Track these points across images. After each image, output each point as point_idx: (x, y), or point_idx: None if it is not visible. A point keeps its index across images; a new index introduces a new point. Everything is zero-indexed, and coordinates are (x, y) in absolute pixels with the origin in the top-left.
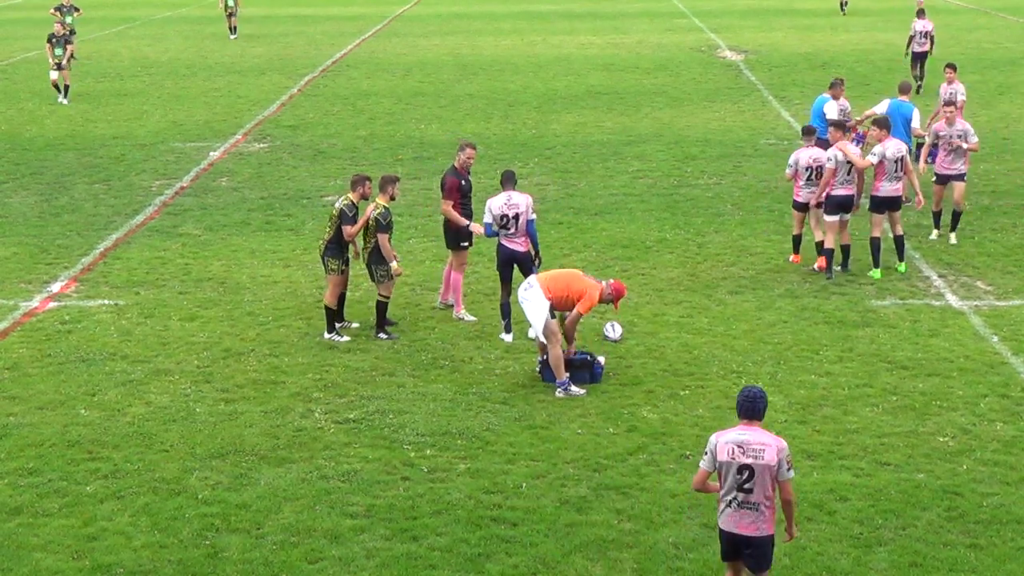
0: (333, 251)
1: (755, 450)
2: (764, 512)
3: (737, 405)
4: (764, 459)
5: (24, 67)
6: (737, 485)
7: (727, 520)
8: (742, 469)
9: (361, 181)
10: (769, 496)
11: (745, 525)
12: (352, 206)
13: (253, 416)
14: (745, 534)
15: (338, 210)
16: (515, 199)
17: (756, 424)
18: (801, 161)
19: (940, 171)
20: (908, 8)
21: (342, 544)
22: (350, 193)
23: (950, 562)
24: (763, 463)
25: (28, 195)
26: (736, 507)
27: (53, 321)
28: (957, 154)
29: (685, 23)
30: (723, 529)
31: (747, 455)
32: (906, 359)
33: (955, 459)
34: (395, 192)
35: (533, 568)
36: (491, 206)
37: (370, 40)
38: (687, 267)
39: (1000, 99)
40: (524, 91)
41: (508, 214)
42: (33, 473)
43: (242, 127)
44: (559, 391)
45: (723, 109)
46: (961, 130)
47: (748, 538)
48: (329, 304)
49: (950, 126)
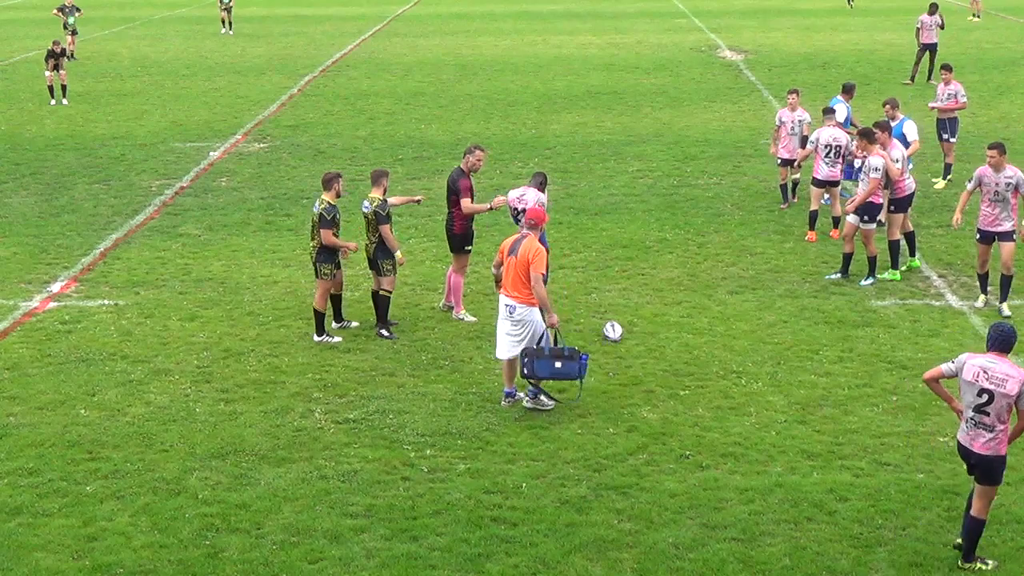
0: (324, 256)
1: (999, 379)
2: (997, 434)
3: (989, 338)
4: (1006, 389)
5: (24, 67)
6: (976, 406)
7: (963, 435)
8: (983, 392)
9: (333, 180)
10: (1004, 420)
11: (979, 444)
12: (331, 208)
13: (253, 416)
14: (976, 451)
15: (317, 215)
16: (527, 196)
17: (1005, 357)
18: (822, 139)
19: (983, 228)
20: (908, 8)
21: (342, 544)
22: (324, 194)
23: (950, 562)
24: (1003, 392)
25: (28, 195)
26: (972, 425)
27: (53, 321)
28: (1004, 206)
29: (685, 23)
30: (959, 441)
31: (991, 381)
32: (906, 359)
33: (955, 459)
34: (386, 184)
35: (533, 568)
36: (508, 195)
37: (370, 40)
38: (687, 267)
39: (1000, 99)
40: (524, 91)
41: (517, 208)
42: (33, 473)
43: (242, 127)
44: (527, 401)
45: (723, 109)
46: (1012, 177)
47: (978, 455)
48: (319, 308)
49: (997, 172)
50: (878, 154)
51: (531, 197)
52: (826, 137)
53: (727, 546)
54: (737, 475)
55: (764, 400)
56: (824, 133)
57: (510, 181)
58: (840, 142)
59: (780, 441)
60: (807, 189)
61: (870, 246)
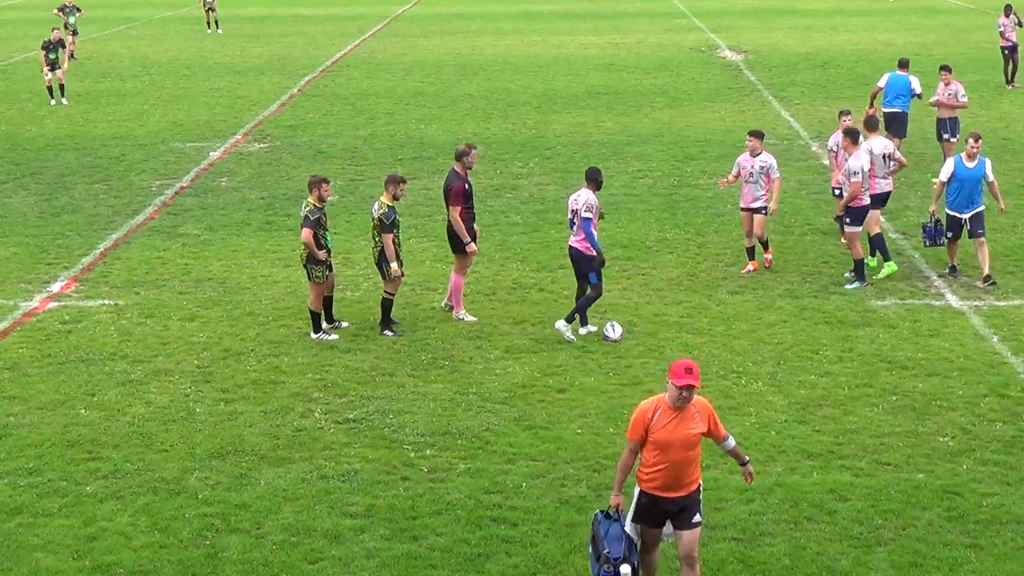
0: (314, 259)
1: None
2: None
3: None
4: None
5: (24, 67)
6: None
7: None
8: None
9: (318, 183)
10: None
11: None
12: (316, 210)
13: (253, 416)
14: None
15: (303, 217)
16: (580, 196)
17: None
18: (875, 150)
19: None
20: (909, 8)
21: (342, 544)
22: (309, 196)
23: (950, 562)
24: None
25: (28, 195)
26: None
27: (53, 321)
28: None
29: (685, 23)
30: None
31: None
32: (906, 359)
33: (955, 459)
34: (399, 192)
35: (533, 568)
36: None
37: (370, 40)
38: (687, 267)
39: (1000, 99)
40: (524, 91)
41: (570, 209)
42: (33, 473)
43: (242, 127)
44: None
45: (723, 109)
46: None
47: None
48: (314, 308)
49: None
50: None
51: (583, 198)
52: (879, 148)
53: (727, 546)
54: (737, 475)
55: (764, 400)
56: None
57: (510, 181)
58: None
59: (780, 441)
60: None
61: (855, 248)
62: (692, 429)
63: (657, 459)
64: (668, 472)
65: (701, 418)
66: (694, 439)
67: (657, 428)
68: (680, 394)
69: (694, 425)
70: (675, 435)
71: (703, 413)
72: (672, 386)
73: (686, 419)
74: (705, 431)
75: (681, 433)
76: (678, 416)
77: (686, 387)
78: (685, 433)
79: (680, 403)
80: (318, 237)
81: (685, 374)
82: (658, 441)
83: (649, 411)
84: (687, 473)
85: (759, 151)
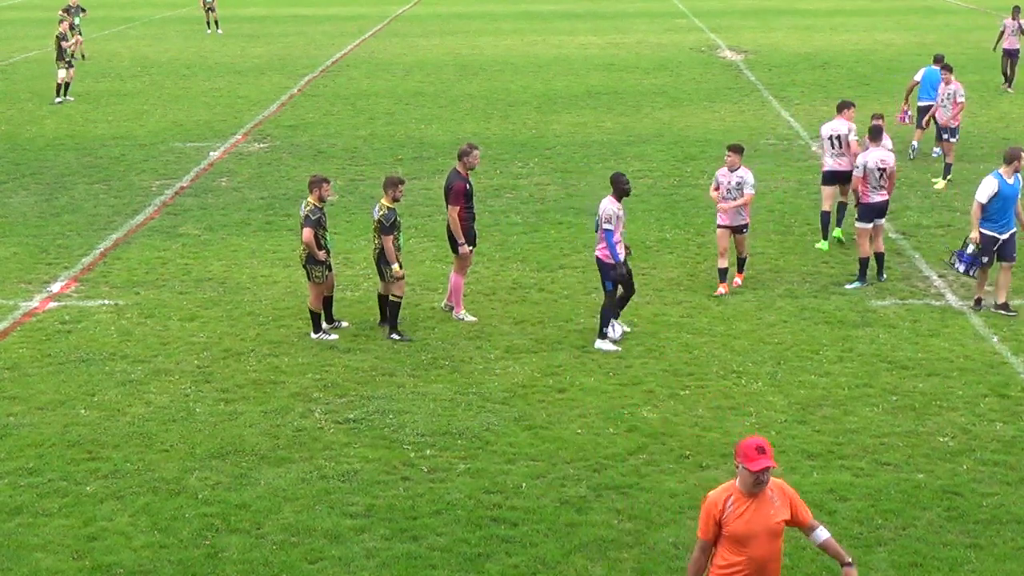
0: (313, 259)
1: None
2: None
3: None
4: None
5: (24, 67)
6: None
7: None
8: None
9: (318, 183)
10: None
11: None
12: (316, 210)
13: (253, 416)
14: None
15: (303, 216)
16: (601, 205)
17: None
18: (869, 163)
19: None
20: (909, 8)
21: (342, 544)
22: (309, 196)
23: (950, 562)
24: None
25: (28, 195)
26: None
27: (53, 321)
28: None
29: (685, 23)
30: None
31: None
32: (906, 359)
33: (955, 459)
34: (398, 194)
35: (533, 568)
36: None
37: (370, 40)
38: (687, 267)
39: (1000, 99)
40: (524, 91)
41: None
42: (33, 473)
43: (242, 127)
44: None
45: (723, 109)
46: None
47: None
48: (314, 308)
49: None
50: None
51: (602, 208)
52: (874, 161)
53: None
54: None
55: (764, 400)
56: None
57: (510, 181)
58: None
59: (780, 441)
60: None
61: (863, 246)
62: (775, 517)
63: (736, 557)
64: (749, 570)
65: (782, 503)
66: (777, 528)
67: (732, 520)
68: (757, 479)
69: (775, 512)
70: (755, 526)
71: (783, 497)
72: (745, 471)
73: (765, 505)
74: (788, 518)
75: (762, 523)
76: (754, 503)
77: (763, 470)
78: (767, 523)
79: (757, 488)
80: (318, 237)
81: (758, 454)
82: (736, 535)
83: (719, 501)
84: (771, 571)
85: (737, 166)
